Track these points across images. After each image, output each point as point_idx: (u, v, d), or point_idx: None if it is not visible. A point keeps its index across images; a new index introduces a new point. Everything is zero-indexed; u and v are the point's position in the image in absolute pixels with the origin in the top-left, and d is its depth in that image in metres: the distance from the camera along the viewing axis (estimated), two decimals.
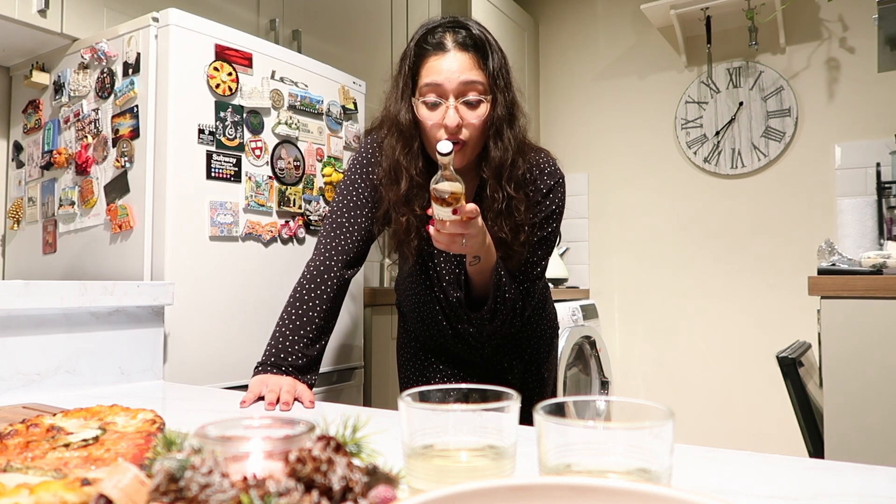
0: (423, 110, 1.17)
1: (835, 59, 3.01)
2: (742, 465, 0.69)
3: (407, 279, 1.42)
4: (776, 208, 3.11)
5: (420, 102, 1.17)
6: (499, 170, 1.19)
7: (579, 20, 3.68)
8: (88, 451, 0.64)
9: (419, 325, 1.43)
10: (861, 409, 1.58)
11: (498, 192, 1.20)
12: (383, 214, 1.26)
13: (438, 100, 1.15)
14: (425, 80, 1.16)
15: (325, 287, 1.25)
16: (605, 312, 3.48)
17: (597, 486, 0.38)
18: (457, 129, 1.14)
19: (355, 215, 1.29)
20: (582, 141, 3.58)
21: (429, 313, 1.39)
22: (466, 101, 1.15)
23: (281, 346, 1.20)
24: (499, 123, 1.18)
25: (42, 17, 1.70)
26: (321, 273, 1.26)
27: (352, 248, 1.28)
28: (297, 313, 1.22)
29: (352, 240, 1.28)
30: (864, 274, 1.65)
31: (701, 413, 3.21)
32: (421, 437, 0.53)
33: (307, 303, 1.23)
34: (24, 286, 1.12)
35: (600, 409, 0.56)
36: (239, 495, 0.38)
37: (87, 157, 1.69)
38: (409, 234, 1.23)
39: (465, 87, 1.14)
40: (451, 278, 1.31)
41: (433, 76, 1.15)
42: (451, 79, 1.14)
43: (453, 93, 1.14)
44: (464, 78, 1.14)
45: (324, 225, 1.33)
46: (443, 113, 1.15)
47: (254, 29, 2.19)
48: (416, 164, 1.20)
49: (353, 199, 1.30)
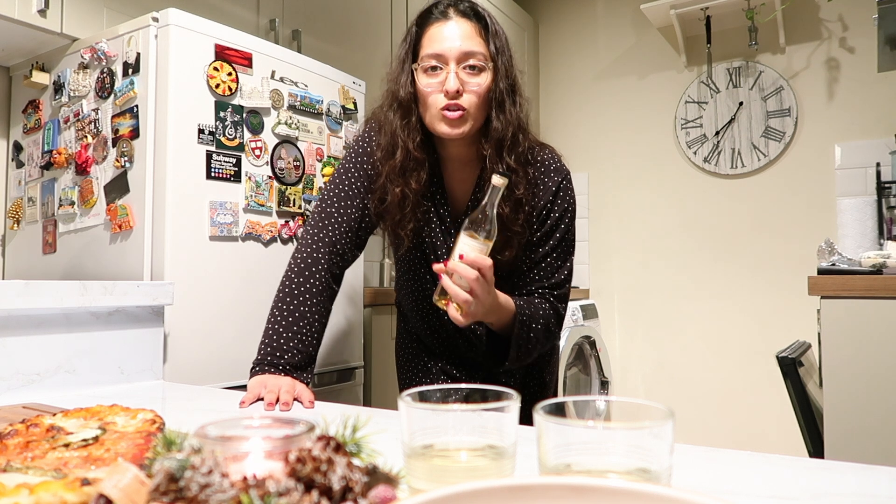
0: (423, 77, 1.14)
1: (835, 59, 3.01)
2: (742, 465, 0.69)
3: (405, 275, 1.38)
4: (776, 208, 3.11)
5: (420, 69, 1.14)
6: (500, 143, 1.16)
7: (579, 20, 3.68)
8: (88, 451, 0.64)
9: (419, 322, 1.40)
10: (861, 409, 1.58)
11: (498, 166, 1.16)
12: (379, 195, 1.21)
13: (439, 64, 1.13)
14: (426, 49, 1.14)
15: (313, 280, 1.21)
16: (604, 312, 3.48)
17: (597, 485, 0.38)
18: (457, 94, 1.11)
19: (345, 206, 1.25)
20: (582, 141, 3.58)
21: (428, 309, 1.35)
22: (468, 65, 1.13)
23: (276, 344, 1.16)
24: (501, 96, 1.15)
25: (42, 17, 1.70)
26: (308, 266, 1.22)
27: (339, 238, 1.24)
28: (288, 309, 1.19)
29: (340, 231, 1.24)
30: (863, 274, 1.65)
31: (701, 413, 3.21)
32: (421, 437, 0.53)
33: (297, 297, 1.19)
34: (24, 286, 1.12)
35: (600, 409, 0.56)
36: (239, 495, 0.38)
37: (86, 157, 1.69)
38: (404, 208, 1.18)
39: (467, 55, 1.12)
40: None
41: (434, 44, 1.13)
42: (452, 46, 1.12)
43: (455, 59, 1.12)
44: (466, 46, 1.12)
45: (311, 214, 1.29)
46: (443, 79, 1.12)
47: (254, 29, 2.19)
48: (413, 138, 1.16)
49: (344, 189, 1.26)
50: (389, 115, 1.19)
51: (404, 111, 1.17)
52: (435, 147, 1.23)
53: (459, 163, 1.24)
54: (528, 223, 1.21)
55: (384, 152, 1.20)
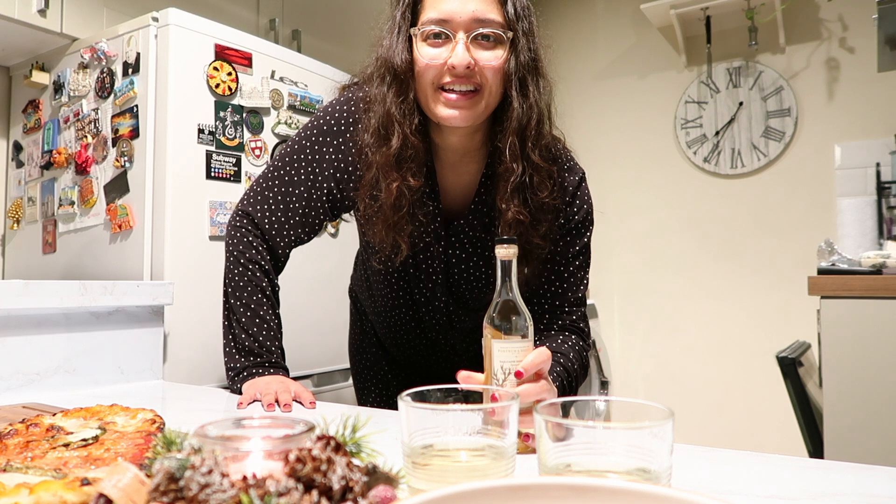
0: (423, 47, 0.91)
1: (834, 59, 3.01)
2: (742, 465, 0.69)
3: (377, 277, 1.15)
4: (776, 208, 3.11)
5: (419, 35, 0.92)
6: (522, 132, 0.93)
7: (579, 20, 3.68)
8: (88, 450, 0.64)
9: (384, 328, 1.21)
10: (861, 409, 1.58)
11: (518, 162, 0.93)
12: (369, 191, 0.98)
13: (444, 30, 0.90)
14: (429, 12, 0.91)
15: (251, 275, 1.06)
16: (604, 312, 3.48)
17: (596, 485, 0.38)
18: (466, 70, 0.89)
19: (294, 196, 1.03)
20: (582, 141, 3.57)
21: (400, 320, 1.16)
22: (481, 34, 0.90)
23: (250, 345, 1.05)
24: (522, 73, 0.92)
25: (42, 16, 1.70)
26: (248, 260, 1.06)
27: (274, 236, 1.06)
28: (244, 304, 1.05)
29: (275, 227, 1.05)
30: (863, 274, 1.65)
31: (701, 413, 3.21)
32: (421, 437, 0.53)
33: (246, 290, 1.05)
34: (24, 286, 1.12)
35: (600, 409, 0.56)
36: (239, 495, 0.38)
37: (86, 157, 1.69)
38: (400, 209, 0.95)
39: (480, 23, 0.89)
40: (439, 279, 1.08)
41: (439, 4, 0.90)
42: (462, 10, 0.89)
43: (464, 27, 0.89)
44: (479, 11, 0.89)
45: (249, 189, 1.09)
46: (449, 50, 0.90)
47: (253, 29, 2.19)
48: (411, 119, 0.93)
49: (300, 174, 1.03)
50: (383, 89, 0.95)
51: (400, 86, 0.93)
52: (428, 132, 0.99)
53: (457, 154, 1.01)
54: (550, 233, 1.00)
55: (375, 137, 0.95)
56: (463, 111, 0.91)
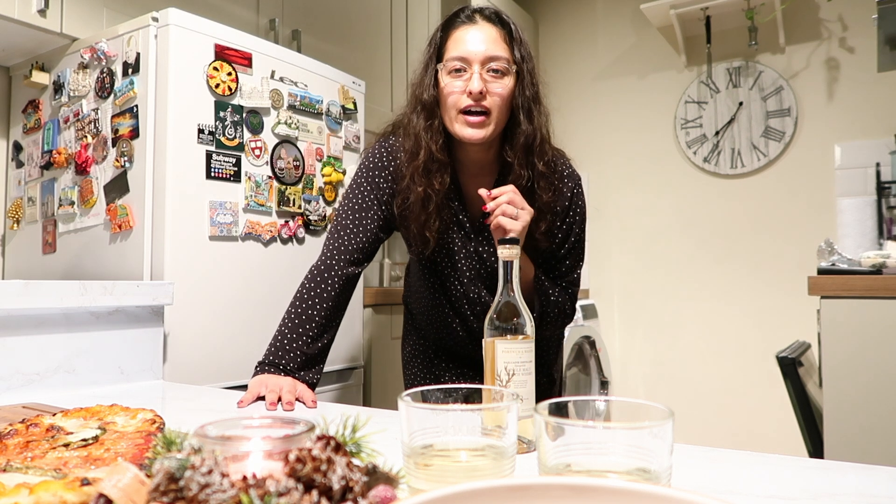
0: (447, 79, 1.17)
1: (834, 59, 3.01)
2: (742, 465, 0.69)
3: (419, 277, 1.39)
4: (776, 208, 3.11)
5: (444, 70, 1.17)
6: (528, 147, 1.18)
7: (579, 20, 3.68)
8: (88, 450, 0.64)
9: (428, 325, 1.42)
10: (861, 409, 1.58)
11: (524, 170, 1.18)
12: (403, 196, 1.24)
13: (463, 66, 1.15)
14: (451, 52, 1.17)
15: (325, 285, 1.23)
16: (604, 312, 3.48)
17: (596, 485, 0.38)
18: (480, 95, 1.13)
19: (360, 217, 1.28)
20: (582, 141, 3.58)
21: (441, 314, 1.37)
22: (492, 69, 1.15)
23: (280, 345, 1.19)
24: (527, 103, 1.18)
25: (42, 16, 1.70)
26: (322, 272, 1.25)
27: (355, 248, 1.27)
28: (296, 312, 1.21)
29: (356, 240, 1.27)
30: (863, 274, 1.65)
31: (701, 413, 3.21)
32: (421, 437, 0.53)
33: (307, 301, 1.22)
34: (24, 286, 1.12)
35: (600, 409, 0.56)
36: (239, 495, 0.38)
37: (86, 157, 1.69)
38: (428, 207, 1.21)
39: (491, 59, 1.15)
40: (472, 275, 1.30)
41: (459, 46, 1.16)
42: (477, 49, 1.14)
43: (479, 62, 1.14)
44: (490, 50, 1.14)
45: (329, 230, 1.32)
46: (467, 80, 1.15)
47: (253, 29, 2.19)
48: (436, 140, 1.19)
49: (357, 202, 1.29)
50: (413, 118, 1.22)
51: (428, 113, 1.19)
52: (453, 151, 1.25)
53: (476, 166, 1.26)
54: (549, 232, 1.23)
55: (408, 154, 1.22)
56: (477, 130, 1.16)
